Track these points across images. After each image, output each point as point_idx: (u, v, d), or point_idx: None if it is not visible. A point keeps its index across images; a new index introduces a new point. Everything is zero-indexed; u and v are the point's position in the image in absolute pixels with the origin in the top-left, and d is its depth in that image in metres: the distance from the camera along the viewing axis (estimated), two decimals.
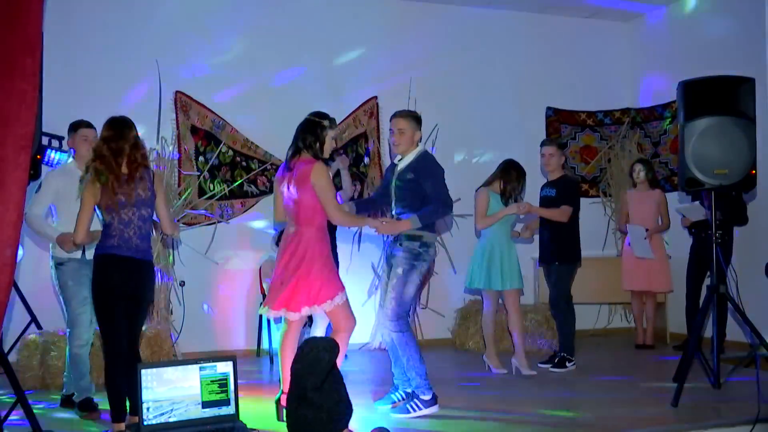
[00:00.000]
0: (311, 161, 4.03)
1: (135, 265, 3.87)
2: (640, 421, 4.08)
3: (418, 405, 4.29)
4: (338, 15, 7.05)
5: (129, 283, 3.86)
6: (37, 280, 5.86)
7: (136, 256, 3.87)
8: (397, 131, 4.44)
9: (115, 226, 3.84)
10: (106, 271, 3.84)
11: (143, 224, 3.91)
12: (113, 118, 4.03)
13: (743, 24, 6.68)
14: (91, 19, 6.33)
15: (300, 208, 4.04)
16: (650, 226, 6.57)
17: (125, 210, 3.84)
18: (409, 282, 4.33)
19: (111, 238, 3.85)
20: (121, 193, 3.81)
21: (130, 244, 3.86)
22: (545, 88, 7.69)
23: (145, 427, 3.56)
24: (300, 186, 4.00)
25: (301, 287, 4.01)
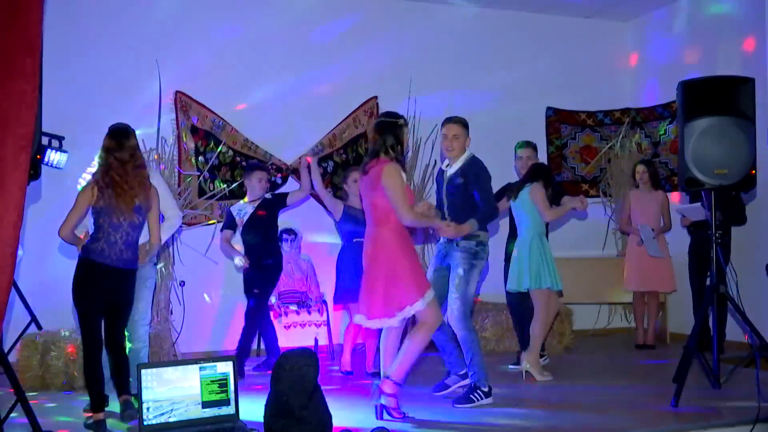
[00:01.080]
0: (384, 162, 4.08)
1: (115, 274, 4.07)
2: (640, 421, 4.08)
3: (480, 395, 4.50)
4: (338, 15, 7.04)
5: (109, 292, 4.07)
6: (37, 280, 5.86)
7: (118, 265, 4.06)
8: (452, 137, 4.59)
9: (105, 229, 4.03)
10: (87, 278, 4.04)
11: (132, 231, 4.10)
12: (114, 127, 4.24)
13: (744, 23, 6.67)
14: (91, 19, 6.32)
15: (375, 210, 4.12)
16: (654, 226, 6.57)
17: (117, 215, 4.03)
18: (471, 281, 4.50)
19: (97, 242, 4.03)
20: (118, 199, 4.01)
21: (114, 249, 4.04)
22: (545, 88, 7.69)
23: (145, 427, 3.56)
24: (373, 187, 4.08)
25: (389, 293, 4.04)
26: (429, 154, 7.03)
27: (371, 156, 4.18)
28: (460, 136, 4.59)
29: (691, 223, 6.41)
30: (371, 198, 4.13)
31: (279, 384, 3.44)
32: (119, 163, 4.07)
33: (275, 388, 3.46)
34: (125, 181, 4.06)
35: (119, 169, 4.06)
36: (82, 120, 5.92)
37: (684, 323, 6.55)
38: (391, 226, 4.09)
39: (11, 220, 3.10)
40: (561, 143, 7.80)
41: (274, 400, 3.46)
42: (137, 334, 4.55)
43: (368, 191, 4.15)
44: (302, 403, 3.39)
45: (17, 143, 3.10)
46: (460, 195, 4.52)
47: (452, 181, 4.56)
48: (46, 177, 4.81)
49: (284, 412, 3.40)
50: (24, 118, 3.12)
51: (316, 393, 3.48)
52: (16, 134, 3.10)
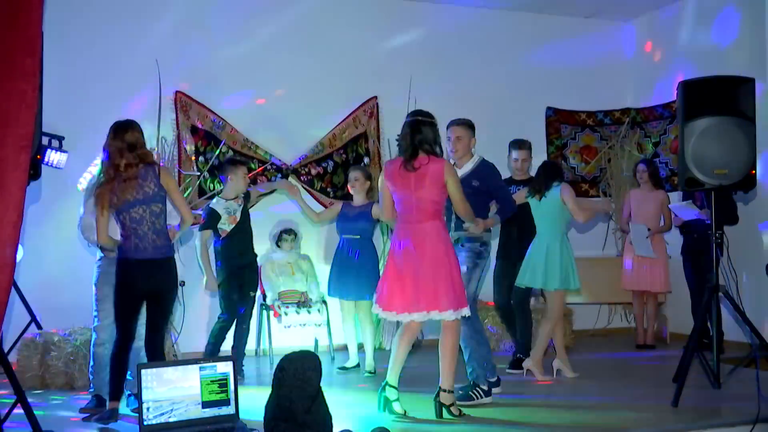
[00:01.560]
0: (440, 160, 4.18)
1: (155, 265, 4.10)
2: (640, 421, 4.08)
3: (479, 393, 4.55)
4: (338, 15, 7.05)
5: (150, 283, 4.10)
6: (37, 280, 5.85)
7: (155, 256, 4.09)
8: (455, 139, 4.71)
9: (128, 225, 4.05)
10: (127, 275, 4.09)
11: (156, 219, 4.10)
12: (116, 122, 4.25)
13: (743, 24, 6.67)
14: (91, 19, 6.32)
15: (428, 204, 4.15)
16: (653, 226, 6.57)
17: (134, 208, 4.03)
18: (473, 279, 4.58)
19: (128, 240, 4.07)
20: (125, 193, 4.01)
21: (146, 241, 4.06)
22: (545, 88, 7.69)
23: (145, 427, 3.56)
24: (432, 183, 4.12)
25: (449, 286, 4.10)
26: None
27: (413, 153, 4.16)
28: (463, 137, 4.70)
29: (682, 223, 6.41)
30: (422, 193, 4.13)
31: (282, 388, 3.41)
32: (118, 154, 4.06)
33: (278, 392, 3.42)
34: (127, 170, 4.04)
35: (119, 159, 4.05)
36: (82, 120, 5.92)
37: (684, 323, 6.55)
38: (441, 220, 4.23)
39: (11, 220, 3.10)
40: (561, 143, 7.80)
41: (277, 403, 3.42)
42: (138, 332, 4.55)
43: (416, 187, 4.13)
44: (306, 407, 3.37)
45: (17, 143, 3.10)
46: (474, 196, 4.53)
47: (467, 182, 4.56)
48: (46, 177, 4.81)
49: (287, 416, 3.37)
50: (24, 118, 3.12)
51: (318, 397, 3.47)
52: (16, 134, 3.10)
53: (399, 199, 4.25)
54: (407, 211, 4.22)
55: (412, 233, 4.18)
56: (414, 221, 4.19)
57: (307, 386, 3.39)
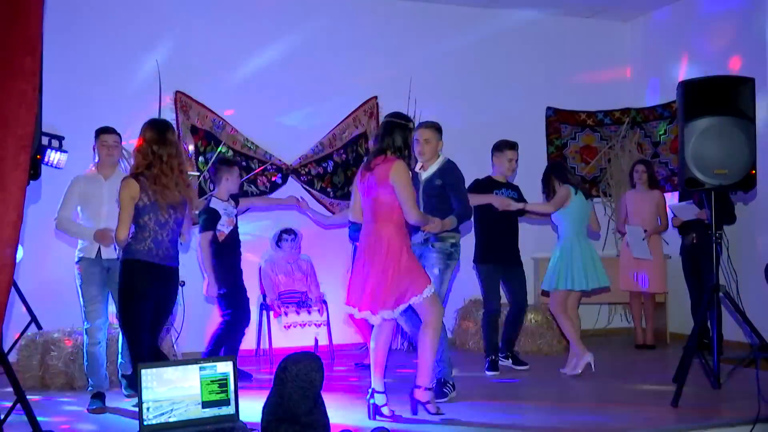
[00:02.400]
0: (392, 160, 4.13)
1: (164, 272, 3.97)
2: (640, 421, 4.08)
3: (450, 388, 4.69)
4: (338, 15, 7.05)
5: (158, 290, 3.96)
6: (37, 280, 5.85)
7: (165, 263, 3.96)
8: (424, 141, 4.71)
9: (151, 227, 3.90)
10: (135, 278, 3.91)
11: (177, 228, 4.01)
12: (155, 120, 4.13)
13: (744, 23, 6.67)
14: (91, 19, 6.33)
15: (378, 206, 4.13)
16: (650, 226, 6.57)
17: (163, 212, 3.90)
18: (444, 280, 4.63)
19: (141, 242, 3.90)
20: (163, 194, 3.89)
21: (161, 248, 3.93)
22: (545, 88, 7.69)
23: (145, 427, 3.56)
24: (379, 183, 4.10)
25: (390, 285, 4.06)
26: None
27: (377, 153, 4.21)
28: (431, 140, 4.72)
29: (681, 224, 6.41)
30: (375, 194, 4.14)
31: (285, 388, 3.39)
32: (165, 158, 3.93)
33: (280, 392, 3.40)
34: (170, 176, 3.93)
35: (164, 164, 3.93)
36: (82, 120, 5.92)
37: (684, 323, 6.55)
38: (395, 222, 4.13)
39: (11, 220, 3.10)
40: (561, 143, 7.80)
41: (278, 404, 3.41)
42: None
43: (372, 188, 4.16)
44: (309, 408, 3.37)
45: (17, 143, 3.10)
46: (438, 197, 4.62)
47: (431, 183, 4.66)
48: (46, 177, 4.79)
49: (289, 417, 3.35)
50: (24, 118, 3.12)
51: (320, 398, 3.47)
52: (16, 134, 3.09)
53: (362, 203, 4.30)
54: (364, 212, 4.27)
55: (365, 234, 4.21)
56: (367, 221, 4.22)
57: (310, 387, 3.39)
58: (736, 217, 6.15)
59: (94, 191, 4.74)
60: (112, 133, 4.86)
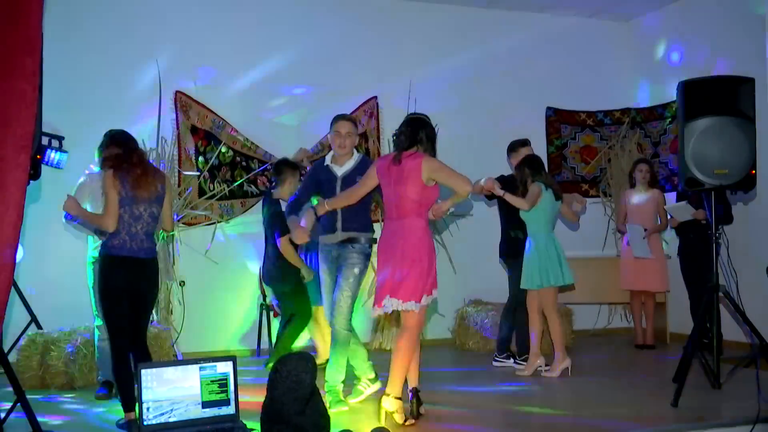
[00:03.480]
0: (420, 156, 4.04)
1: (139, 264, 4.01)
2: (640, 421, 4.08)
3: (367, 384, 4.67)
4: (338, 15, 7.05)
5: (134, 283, 4.00)
6: (37, 280, 5.86)
7: (140, 255, 4.00)
8: (346, 134, 4.55)
9: (125, 220, 3.97)
10: (111, 272, 3.97)
11: (151, 221, 4.06)
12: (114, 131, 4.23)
13: (743, 23, 6.67)
14: (91, 19, 6.33)
15: (405, 201, 4.04)
16: (649, 225, 6.58)
17: (138, 205, 3.99)
18: (361, 281, 4.51)
19: (117, 235, 3.96)
20: (138, 188, 3.96)
21: (136, 240, 4.00)
22: (545, 88, 7.69)
23: (145, 427, 3.56)
24: (408, 179, 4.01)
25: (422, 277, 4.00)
26: None
27: (406, 148, 4.09)
28: (352, 134, 4.59)
29: (678, 224, 6.41)
30: (402, 190, 4.04)
31: (275, 390, 3.41)
32: (133, 150, 4.06)
33: (272, 394, 3.43)
34: (145, 169, 4.02)
35: (137, 160, 4.02)
36: (82, 120, 5.92)
37: (684, 323, 6.55)
38: (424, 218, 4.07)
39: (11, 220, 3.10)
40: (561, 143, 7.80)
41: (270, 405, 3.43)
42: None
43: (398, 182, 4.05)
44: (298, 409, 3.36)
45: (17, 143, 3.09)
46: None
47: (350, 178, 4.49)
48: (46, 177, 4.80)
49: (279, 419, 3.37)
50: (24, 118, 3.12)
51: (312, 399, 3.45)
52: (16, 134, 3.09)
53: (385, 195, 4.19)
54: (388, 207, 4.16)
55: (392, 231, 4.10)
56: (393, 218, 4.12)
57: (299, 388, 3.37)
58: (732, 217, 6.15)
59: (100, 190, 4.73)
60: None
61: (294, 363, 3.47)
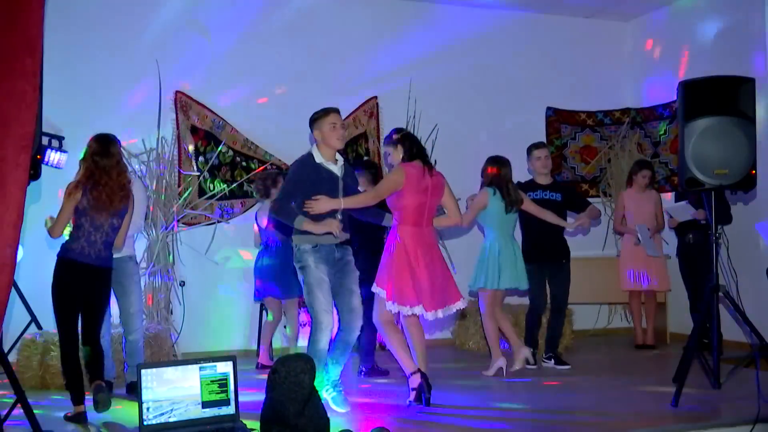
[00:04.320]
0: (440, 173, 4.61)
1: (93, 272, 4.24)
2: (640, 421, 4.08)
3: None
4: (338, 15, 7.05)
5: (87, 289, 4.24)
6: (37, 280, 5.84)
7: (95, 263, 4.23)
8: (341, 126, 4.46)
9: (86, 228, 4.19)
10: (66, 276, 4.21)
11: (111, 233, 4.28)
12: (100, 135, 4.40)
13: (743, 23, 6.67)
14: (91, 19, 6.33)
15: (432, 211, 4.54)
16: (651, 225, 6.57)
17: (100, 216, 4.19)
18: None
19: (77, 240, 4.21)
20: (102, 201, 4.17)
21: (94, 248, 4.21)
22: (545, 88, 7.69)
23: (145, 427, 3.56)
24: (439, 191, 4.54)
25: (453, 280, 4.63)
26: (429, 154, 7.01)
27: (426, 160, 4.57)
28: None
29: (677, 225, 6.40)
30: (435, 201, 4.55)
31: (274, 390, 3.41)
32: (104, 169, 4.21)
33: (270, 395, 3.43)
34: (110, 186, 4.20)
35: (104, 174, 4.21)
36: (82, 120, 5.92)
37: (684, 323, 6.55)
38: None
39: (11, 220, 3.10)
40: (561, 143, 7.80)
41: (269, 406, 3.43)
42: (135, 326, 4.81)
43: (433, 193, 4.49)
44: (297, 410, 3.35)
45: (17, 143, 3.10)
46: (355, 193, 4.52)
47: (353, 180, 4.57)
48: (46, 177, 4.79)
49: (279, 419, 3.37)
50: (24, 118, 3.12)
51: (311, 399, 3.45)
52: (16, 134, 3.09)
53: (414, 202, 4.40)
54: (420, 215, 4.45)
55: (423, 236, 4.47)
56: (424, 225, 4.49)
57: (298, 389, 3.37)
58: (732, 217, 6.15)
59: None
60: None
61: (293, 364, 3.46)
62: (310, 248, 4.21)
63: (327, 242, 4.32)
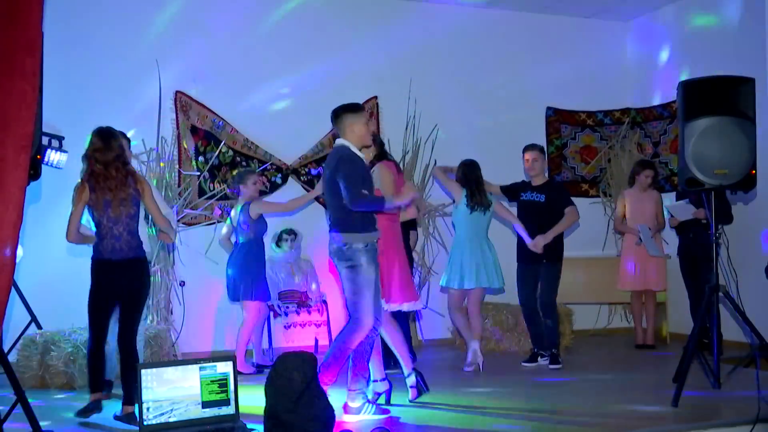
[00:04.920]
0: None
1: (127, 265, 4.22)
2: (640, 421, 4.08)
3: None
4: (338, 15, 7.05)
5: (122, 283, 4.20)
6: (37, 280, 5.85)
7: (129, 256, 4.21)
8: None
9: (105, 224, 4.18)
10: (102, 276, 4.21)
11: (130, 221, 4.24)
12: (100, 128, 4.36)
13: (743, 23, 6.67)
14: (91, 19, 6.33)
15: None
16: (652, 225, 6.57)
17: (114, 209, 4.17)
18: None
19: (103, 240, 4.20)
20: (109, 193, 4.16)
21: (120, 242, 4.19)
22: (545, 88, 7.69)
23: (145, 427, 3.56)
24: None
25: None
26: (429, 154, 7.03)
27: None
28: None
29: (678, 224, 6.40)
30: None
31: (269, 387, 3.49)
32: (103, 165, 4.18)
33: (266, 391, 3.52)
34: (110, 178, 4.18)
35: (103, 169, 4.19)
36: (82, 120, 5.91)
37: (684, 323, 6.55)
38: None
39: (11, 220, 3.10)
40: (561, 143, 7.80)
41: (267, 402, 3.51)
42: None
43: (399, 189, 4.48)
44: (287, 407, 3.37)
45: (17, 143, 3.10)
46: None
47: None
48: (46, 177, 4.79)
49: (272, 415, 3.44)
50: (24, 118, 3.12)
51: (304, 396, 3.45)
52: (16, 134, 3.09)
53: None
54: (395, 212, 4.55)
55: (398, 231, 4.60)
56: (397, 221, 4.60)
57: (289, 385, 3.39)
58: (732, 217, 6.15)
59: None
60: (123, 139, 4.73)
61: (288, 361, 3.50)
62: (363, 247, 4.19)
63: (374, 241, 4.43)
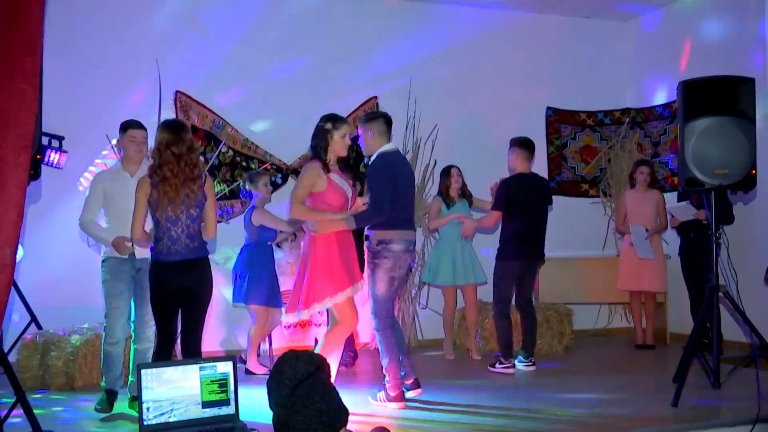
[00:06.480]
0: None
1: (187, 266, 4.08)
2: (640, 421, 4.08)
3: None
4: (338, 15, 7.05)
5: (183, 284, 4.07)
6: (37, 280, 5.86)
7: (188, 257, 4.07)
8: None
9: (163, 224, 4.03)
10: (160, 278, 4.08)
11: (192, 223, 4.08)
12: (168, 121, 4.25)
13: (743, 23, 6.67)
14: (92, 19, 6.32)
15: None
16: (650, 226, 6.57)
17: (175, 209, 4.01)
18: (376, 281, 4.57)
19: (160, 241, 4.06)
20: (172, 192, 3.99)
21: (179, 244, 4.05)
22: (545, 88, 7.69)
23: (145, 427, 3.56)
24: None
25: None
26: (429, 154, 7.03)
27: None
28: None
29: (679, 224, 6.41)
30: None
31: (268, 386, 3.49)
32: (175, 158, 4.01)
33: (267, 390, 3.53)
34: (177, 175, 4.01)
35: (174, 162, 4.01)
36: (82, 120, 5.93)
37: (684, 323, 6.55)
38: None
39: (11, 219, 3.10)
40: (561, 143, 7.80)
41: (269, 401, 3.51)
42: (145, 334, 4.53)
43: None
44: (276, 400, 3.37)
45: (17, 143, 3.10)
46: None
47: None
48: (46, 177, 4.81)
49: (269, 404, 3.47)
50: (24, 118, 3.12)
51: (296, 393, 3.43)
52: (16, 134, 3.09)
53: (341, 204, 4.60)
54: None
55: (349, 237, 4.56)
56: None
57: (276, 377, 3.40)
58: (734, 217, 6.15)
59: (120, 189, 4.49)
60: (141, 129, 4.66)
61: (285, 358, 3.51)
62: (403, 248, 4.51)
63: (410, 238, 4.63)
